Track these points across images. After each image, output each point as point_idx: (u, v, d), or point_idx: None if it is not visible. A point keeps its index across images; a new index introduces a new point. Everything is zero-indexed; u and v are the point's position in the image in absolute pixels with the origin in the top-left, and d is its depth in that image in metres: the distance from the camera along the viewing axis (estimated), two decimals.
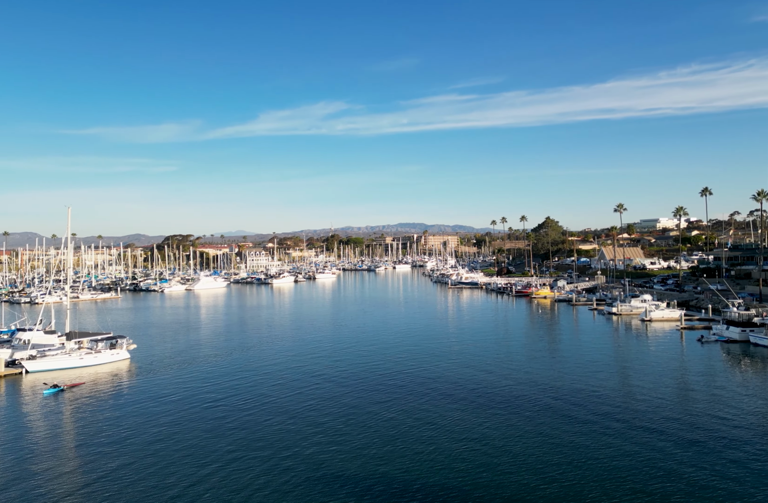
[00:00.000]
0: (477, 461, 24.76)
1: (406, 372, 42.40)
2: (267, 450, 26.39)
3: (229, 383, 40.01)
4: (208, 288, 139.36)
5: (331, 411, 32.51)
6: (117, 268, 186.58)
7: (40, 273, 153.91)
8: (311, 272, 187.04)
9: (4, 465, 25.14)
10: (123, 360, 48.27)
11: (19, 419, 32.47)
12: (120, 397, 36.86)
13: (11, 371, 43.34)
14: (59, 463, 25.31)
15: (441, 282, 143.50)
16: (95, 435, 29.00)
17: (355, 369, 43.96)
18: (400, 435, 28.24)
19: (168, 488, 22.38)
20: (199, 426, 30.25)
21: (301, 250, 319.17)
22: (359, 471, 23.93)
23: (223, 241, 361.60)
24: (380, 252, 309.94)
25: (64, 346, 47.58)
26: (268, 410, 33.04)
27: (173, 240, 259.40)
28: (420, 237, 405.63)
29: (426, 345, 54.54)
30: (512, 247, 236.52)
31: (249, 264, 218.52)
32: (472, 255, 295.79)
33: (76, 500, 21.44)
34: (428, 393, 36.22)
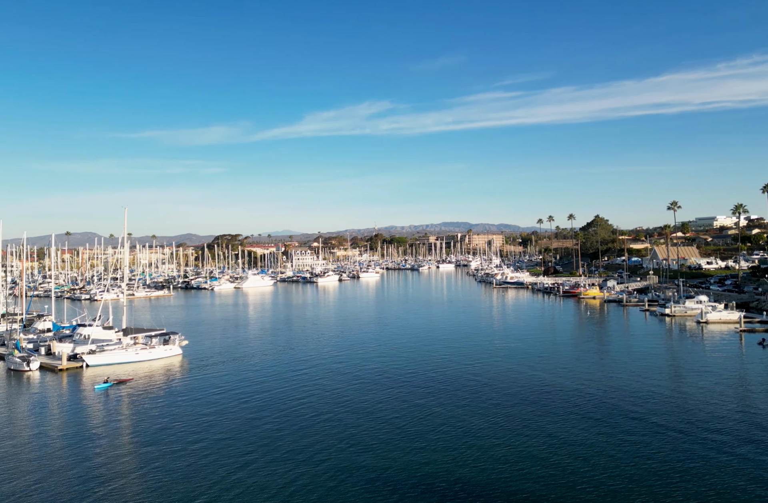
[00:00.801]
0: (521, 458, 24.43)
1: (450, 371, 42.19)
2: (308, 444, 26.84)
3: (276, 379, 40.87)
4: (255, 287, 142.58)
5: (375, 408, 32.74)
6: (170, 267, 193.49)
7: (99, 271, 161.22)
8: (355, 271, 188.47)
9: (55, 451, 26.57)
10: (175, 356, 50.05)
11: (71, 410, 34.20)
12: (172, 391, 38.26)
13: (73, 364, 45.68)
14: (111, 450, 26.56)
15: (485, 282, 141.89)
16: (148, 427, 30.23)
17: (399, 367, 44.09)
18: (442, 433, 28.16)
19: (212, 475, 23.12)
20: (246, 420, 31.05)
21: (346, 249, 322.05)
22: (401, 466, 24.02)
23: (270, 240, 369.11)
24: (424, 251, 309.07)
25: (121, 342, 49.73)
26: (314, 406, 33.57)
27: (223, 239, 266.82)
28: (464, 236, 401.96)
29: (470, 344, 54.10)
30: (559, 246, 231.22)
31: (295, 263, 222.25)
32: (518, 254, 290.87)
33: (126, 483, 22.45)
34: (472, 392, 35.93)
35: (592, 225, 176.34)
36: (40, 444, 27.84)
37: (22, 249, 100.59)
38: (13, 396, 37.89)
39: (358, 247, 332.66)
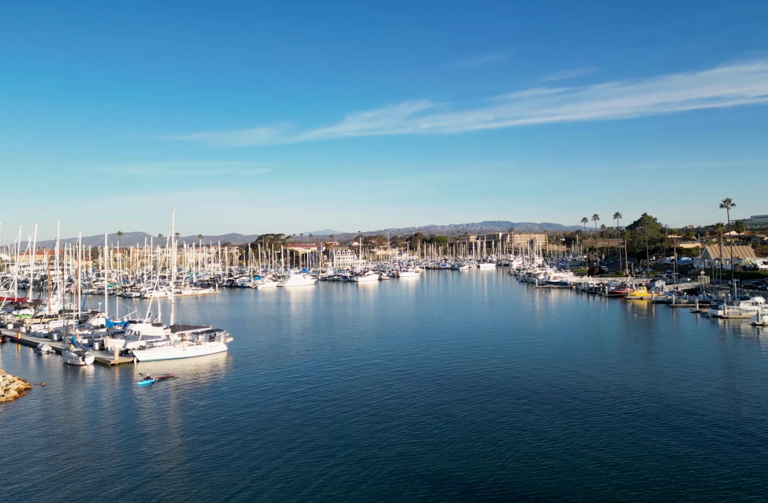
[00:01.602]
0: (561, 461, 23.99)
1: (491, 371, 41.78)
2: (346, 440, 27.13)
3: (317, 377, 41.44)
4: (297, 285, 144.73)
5: (414, 407, 32.75)
6: (215, 266, 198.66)
7: (148, 270, 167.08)
8: (395, 270, 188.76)
9: (104, 440, 27.75)
10: (221, 353, 51.40)
11: (122, 403, 35.62)
12: (217, 387, 39.33)
13: (124, 359, 47.57)
14: (158, 440, 27.55)
15: (527, 282, 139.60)
16: (194, 419, 31.18)
17: (438, 366, 43.96)
18: (481, 433, 27.93)
19: (254, 469, 23.68)
20: (287, 415, 31.61)
21: (385, 248, 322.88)
22: (437, 466, 23.99)
23: (311, 239, 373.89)
24: (464, 250, 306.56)
25: (169, 338, 51.44)
26: (354, 403, 33.87)
27: (266, 239, 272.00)
28: (505, 235, 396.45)
29: (511, 344, 53.40)
30: (605, 245, 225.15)
31: (335, 263, 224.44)
32: (561, 254, 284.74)
33: (169, 470, 23.25)
34: (513, 393, 35.48)
35: (640, 223, 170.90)
36: (93, 433, 29.14)
37: (78, 248, 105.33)
38: (69, 388, 39.78)
39: (397, 247, 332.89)
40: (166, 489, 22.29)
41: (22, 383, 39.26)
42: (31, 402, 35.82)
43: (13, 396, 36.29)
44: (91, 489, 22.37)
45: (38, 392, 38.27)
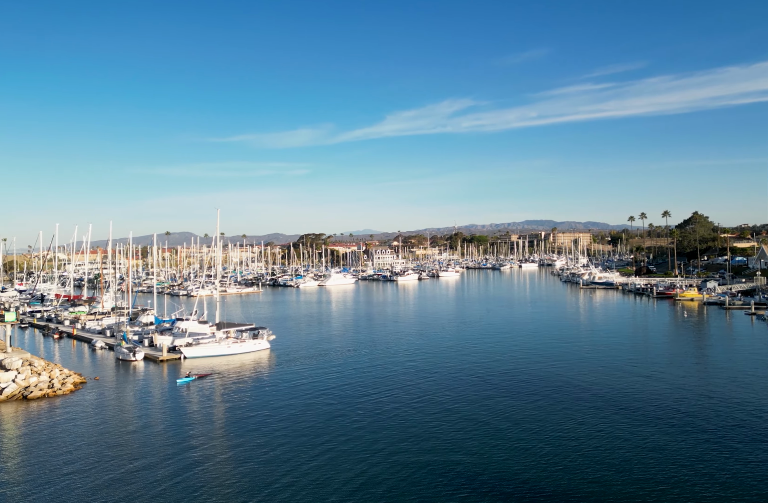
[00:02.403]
0: (605, 466, 23.40)
1: (533, 373, 41.10)
2: (385, 438, 27.22)
3: (358, 376, 41.76)
4: (338, 285, 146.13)
5: (453, 407, 32.59)
6: (258, 265, 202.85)
7: (195, 269, 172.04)
8: (435, 270, 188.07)
9: (152, 433, 28.75)
10: (264, 350, 52.45)
11: (170, 398, 36.80)
12: (261, 383, 40.16)
13: (172, 356, 49.17)
14: (203, 434, 28.36)
15: (571, 282, 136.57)
16: (237, 415, 31.97)
17: (479, 367, 43.57)
18: (521, 436, 27.54)
19: (291, 461, 24.09)
20: (328, 412, 31.96)
21: (425, 248, 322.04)
22: (473, 467, 23.80)
23: (351, 239, 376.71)
24: (505, 250, 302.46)
25: (215, 335, 52.86)
26: (393, 402, 33.94)
27: (307, 238, 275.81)
28: (548, 234, 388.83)
29: (555, 346, 52.38)
30: (653, 244, 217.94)
31: (375, 262, 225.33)
32: (607, 253, 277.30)
33: (213, 463, 23.90)
34: (554, 396, 34.81)
35: (690, 222, 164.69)
36: (142, 425, 30.28)
37: (129, 248, 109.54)
38: (121, 383, 41.44)
39: (437, 246, 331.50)
40: (208, 479, 22.96)
41: (78, 377, 41.13)
42: (86, 395, 37.50)
43: (69, 390, 38.08)
44: (137, 477, 23.28)
45: (92, 386, 40.02)
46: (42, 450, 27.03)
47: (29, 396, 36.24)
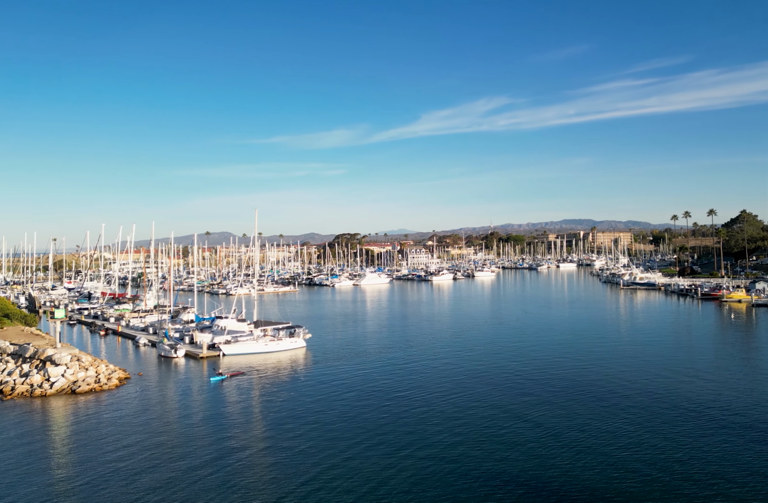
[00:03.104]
0: (645, 473, 22.79)
1: (572, 374, 40.32)
2: (417, 437, 27.21)
3: (393, 375, 41.85)
4: (373, 284, 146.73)
5: (488, 408, 32.30)
6: (295, 264, 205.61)
7: (234, 268, 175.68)
8: (470, 270, 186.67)
9: (193, 428, 29.49)
10: (300, 348, 53.15)
11: (210, 394, 37.68)
12: (298, 381, 40.70)
13: (212, 353, 50.35)
14: (241, 428, 28.94)
15: (611, 283, 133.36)
16: (274, 411, 32.49)
17: (516, 368, 43.04)
18: (558, 437, 27.08)
19: (323, 456, 24.35)
20: (362, 411, 32.16)
21: (460, 247, 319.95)
22: (508, 469, 23.53)
23: (386, 239, 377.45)
24: (542, 250, 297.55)
25: (252, 333, 53.87)
26: (426, 402, 33.89)
27: (342, 238, 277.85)
28: (587, 234, 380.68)
29: (595, 347, 51.25)
30: (697, 244, 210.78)
31: (410, 262, 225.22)
32: (648, 253, 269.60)
33: (249, 456, 24.38)
34: (593, 397, 34.07)
35: (737, 221, 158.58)
36: (182, 420, 31.14)
37: (170, 247, 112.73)
38: (163, 379, 42.70)
39: (472, 246, 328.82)
40: (242, 471, 23.48)
41: (123, 373, 42.59)
42: (130, 390, 38.81)
43: (114, 385, 39.49)
44: (176, 467, 24.02)
45: (136, 381, 41.38)
46: (88, 441, 28.14)
47: (77, 390, 37.74)
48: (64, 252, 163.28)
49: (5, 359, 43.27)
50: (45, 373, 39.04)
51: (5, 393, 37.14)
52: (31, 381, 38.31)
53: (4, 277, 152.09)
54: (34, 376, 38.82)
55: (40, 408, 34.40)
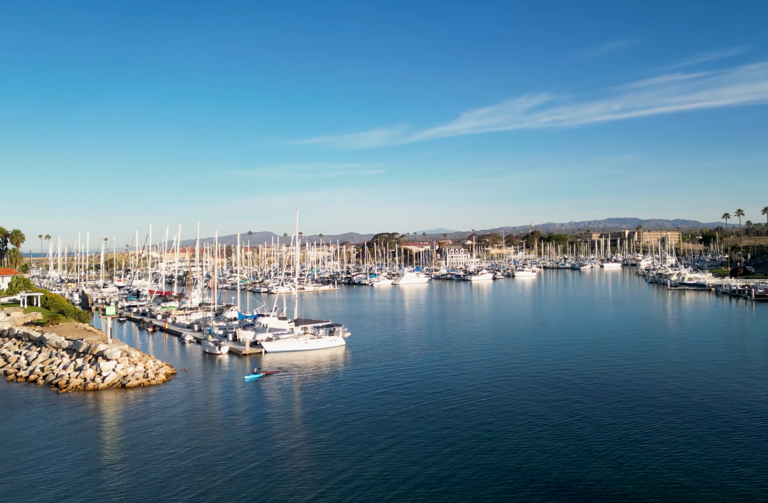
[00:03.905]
0: (687, 473, 22.01)
1: (615, 378, 39.28)
2: (451, 438, 27.08)
3: (431, 375, 41.77)
4: (411, 283, 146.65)
5: (527, 409, 31.86)
6: (334, 263, 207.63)
7: (275, 267, 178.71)
8: (510, 269, 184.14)
9: (235, 423, 30.19)
10: (339, 346, 53.68)
11: (253, 390, 38.48)
12: (337, 378, 41.12)
13: (254, 350, 51.44)
14: (282, 423, 29.47)
15: (658, 283, 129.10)
16: (314, 407, 32.96)
17: (557, 369, 42.25)
18: (593, 438, 26.46)
19: (361, 451, 24.54)
20: (399, 410, 32.23)
21: (500, 247, 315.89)
22: (550, 472, 23.14)
23: (424, 238, 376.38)
24: (585, 249, 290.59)
25: (293, 331, 54.74)
26: (464, 402, 33.68)
27: (381, 238, 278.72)
28: (632, 233, 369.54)
29: (639, 349, 49.76)
30: (751, 243, 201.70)
31: (448, 261, 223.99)
32: (698, 253, 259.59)
33: (291, 449, 24.81)
34: (637, 402, 33.11)
35: None
36: (225, 414, 32.00)
37: (214, 247, 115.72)
38: (207, 375, 43.91)
39: (513, 245, 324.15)
40: (281, 464, 23.94)
41: (169, 368, 44.02)
42: (176, 385, 40.08)
43: (162, 380, 40.86)
44: (219, 459, 24.68)
45: (182, 377, 42.70)
46: (137, 432, 29.26)
47: (127, 384, 39.23)
48: (114, 251, 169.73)
49: (61, 353, 45.42)
50: (97, 368, 40.76)
51: (60, 387, 38.97)
52: (85, 375, 40.07)
53: (60, 275, 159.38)
54: (87, 370, 40.59)
55: (93, 401, 35.95)
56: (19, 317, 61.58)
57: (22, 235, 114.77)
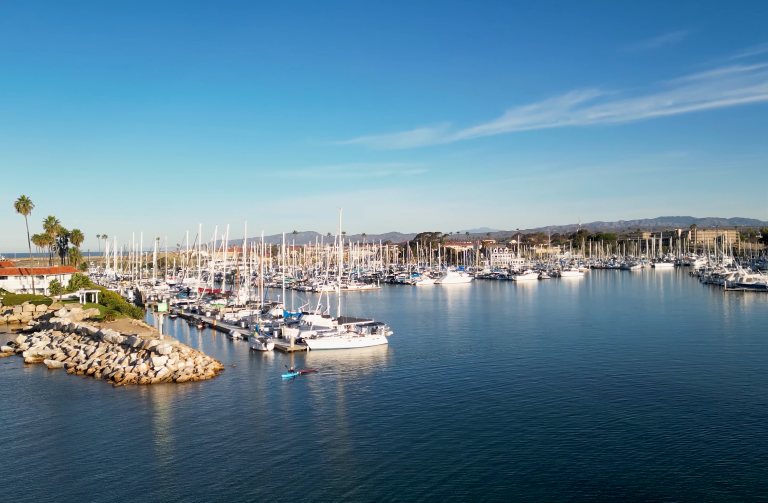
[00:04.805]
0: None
1: (665, 382, 37.90)
2: (492, 437, 26.76)
3: (474, 375, 41.43)
4: (454, 283, 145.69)
5: (574, 415, 31.15)
6: (377, 263, 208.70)
7: (319, 266, 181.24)
8: (556, 269, 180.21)
9: (276, 419, 30.77)
10: (381, 345, 53.94)
11: (298, 387, 39.13)
12: (379, 377, 41.33)
13: (299, 348, 52.32)
14: (326, 419, 29.86)
15: (713, 284, 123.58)
16: (358, 406, 33.24)
17: (604, 372, 41.11)
18: (654, 447, 25.59)
19: (400, 445, 24.60)
20: (441, 408, 32.14)
21: (546, 246, 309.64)
22: (598, 475, 22.55)
23: (467, 237, 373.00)
24: (635, 249, 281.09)
25: (337, 329, 55.36)
26: (508, 404, 33.25)
27: (423, 237, 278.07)
28: (686, 232, 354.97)
29: (692, 352, 47.79)
30: None
31: (492, 261, 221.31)
32: (757, 253, 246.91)
33: (322, 449, 25.11)
34: (692, 409, 31.85)
35: None
36: (271, 409, 32.72)
37: (260, 246, 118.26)
38: (254, 371, 44.97)
39: (559, 245, 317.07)
40: (323, 456, 24.28)
41: (217, 364, 45.32)
42: (224, 380, 41.24)
43: (210, 375, 42.12)
44: (263, 451, 25.32)
45: (230, 372, 43.90)
46: (186, 424, 30.30)
47: (178, 379, 40.65)
48: (166, 250, 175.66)
49: (116, 348, 47.49)
50: (150, 363, 42.40)
51: (116, 380, 40.76)
52: (138, 370, 41.76)
53: (116, 274, 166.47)
54: (140, 365, 42.29)
55: (146, 395, 37.45)
56: (78, 313, 64.77)
57: (81, 235, 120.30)
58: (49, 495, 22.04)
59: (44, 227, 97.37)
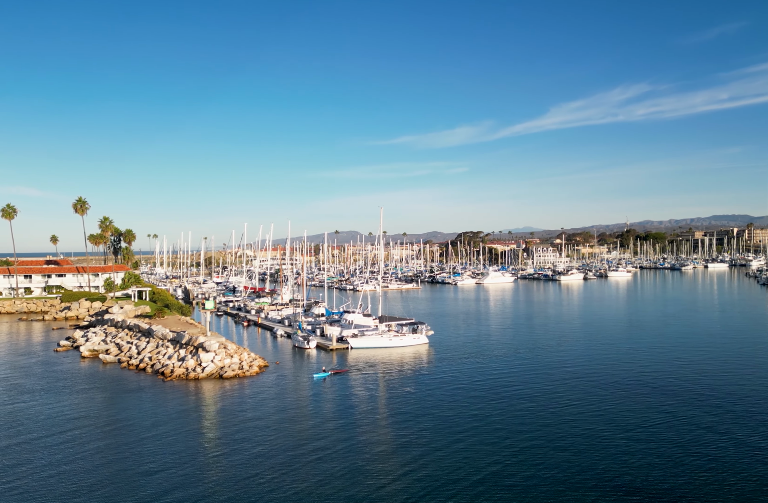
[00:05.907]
0: None
1: (720, 388, 36.51)
2: (532, 442, 26.43)
3: (516, 377, 41.00)
4: (496, 283, 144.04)
5: (614, 416, 30.43)
6: (417, 262, 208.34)
7: (360, 265, 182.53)
8: (603, 269, 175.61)
9: (319, 415, 31.27)
10: (422, 345, 53.98)
11: (339, 385, 39.65)
12: (420, 377, 41.43)
13: (340, 346, 52.98)
14: (366, 417, 30.19)
15: None
16: (399, 405, 33.47)
17: (652, 375, 39.92)
18: (679, 449, 24.74)
19: (437, 453, 24.63)
20: (477, 408, 31.98)
21: (591, 246, 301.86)
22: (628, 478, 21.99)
23: (510, 237, 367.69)
24: (687, 248, 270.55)
25: (377, 328, 55.75)
26: (547, 408, 32.79)
27: (465, 236, 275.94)
28: (742, 231, 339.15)
29: (746, 355, 45.79)
30: None
31: (536, 260, 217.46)
32: None
33: (360, 445, 25.37)
34: (746, 417, 30.58)
35: None
36: (313, 406, 33.34)
37: (303, 245, 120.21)
38: (297, 368, 45.86)
39: (606, 244, 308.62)
40: (362, 451, 24.59)
41: (262, 361, 46.43)
42: (268, 377, 42.24)
43: (255, 372, 43.21)
44: (306, 445, 25.90)
45: (274, 369, 44.91)
46: (232, 418, 31.27)
47: (224, 375, 41.89)
48: (212, 249, 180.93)
49: (166, 344, 49.33)
50: (198, 359, 43.86)
51: (166, 375, 42.36)
52: (187, 366, 43.27)
53: (165, 272, 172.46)
54: (189, 361, 43.80)
55: (194, 389, 38.79)
56: (130, 310, 67.58)
57: (133, 234, 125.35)
58: (101, 484, 23.20)
59: (99, 227, 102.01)
